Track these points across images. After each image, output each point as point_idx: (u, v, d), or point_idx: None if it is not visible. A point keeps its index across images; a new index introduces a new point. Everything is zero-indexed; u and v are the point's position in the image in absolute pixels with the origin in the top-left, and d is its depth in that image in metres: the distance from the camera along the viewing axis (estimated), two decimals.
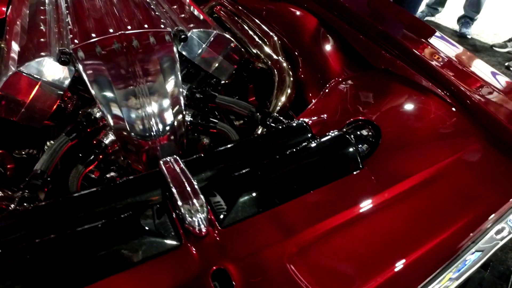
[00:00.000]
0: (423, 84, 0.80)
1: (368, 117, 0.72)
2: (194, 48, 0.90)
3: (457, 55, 0.94)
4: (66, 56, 0.75)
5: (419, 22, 1.02)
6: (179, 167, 0.54)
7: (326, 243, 0.51)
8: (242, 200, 0.54)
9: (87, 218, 0.50)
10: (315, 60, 1.01)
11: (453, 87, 0.77)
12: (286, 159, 0.60)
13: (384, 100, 0.78)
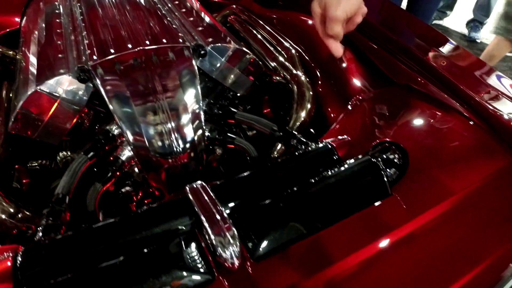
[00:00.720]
0: (445, 101, 0.79)
1: (393, 138, 0.70)
2: (212, 62, 0.88)
3: (475, 67, 0.93)
4: (85, 74, 0.74)
5: (438, 34, 1.00)
6: (207, 195, 0.52)
7: (360, 275, 0.50)
8: (272, 231, 0.52)
9: (114, 250, 0.49)
10: (334, 74, 0.99)
11: (474, 102, 0.75)
12: (314, 187, 0.58)
13: (408, 119, 0.76)
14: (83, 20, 0.99)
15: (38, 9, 1.11)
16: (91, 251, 0.49)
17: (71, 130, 0.87)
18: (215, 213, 0.50)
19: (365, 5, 1.18)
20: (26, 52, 0.92)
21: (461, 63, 0.93)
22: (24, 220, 0.69)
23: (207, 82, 0.94)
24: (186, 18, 1.01)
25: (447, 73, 0.81)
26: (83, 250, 0.49)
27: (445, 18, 3.75)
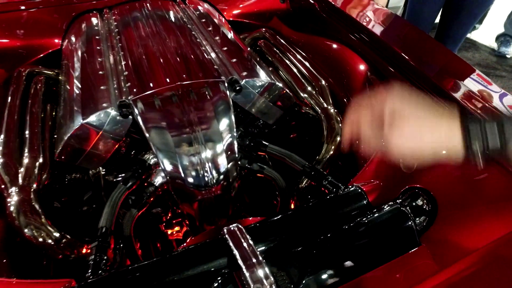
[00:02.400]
0: None
1: (423, 183, 0.71)
2: (246, 95, 0.91)
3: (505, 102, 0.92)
4: (127, 109, 0.78)
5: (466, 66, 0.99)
6: (245, 241, 0.55)
7: None
8: (305, 278, 0.55)
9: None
10: None
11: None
12: (345, 235, 0.61)
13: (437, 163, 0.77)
14: (121, 48, 1.04)
15: (79, 32, 1.17)
16: None
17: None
18: (253, 259, 0.52)
19: (394, 30, 1.20)
20: (69, 78, 0.98)
21: (489, 99, 0.92)
22: (68, 245, 0.74)
23: (239, 112, 0.97)
24: (221, 48, 1.04)
25: (477, 113, 0.80)
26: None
27: (474, 31, 3.66)
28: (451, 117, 0.44)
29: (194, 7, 1.34)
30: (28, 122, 0.91)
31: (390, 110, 0.49)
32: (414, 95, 0.51)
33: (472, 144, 0.40)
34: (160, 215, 1.04)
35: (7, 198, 0.73)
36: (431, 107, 0.48)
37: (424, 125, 0.46)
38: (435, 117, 0.46)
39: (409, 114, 0.47)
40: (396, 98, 0.50)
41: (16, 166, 0.80)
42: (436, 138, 0.45)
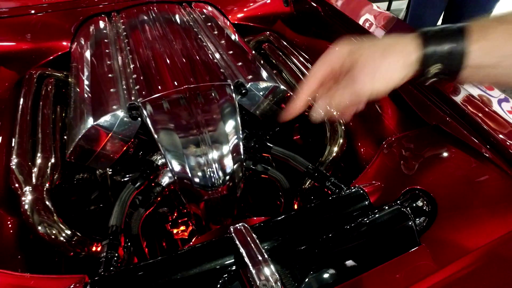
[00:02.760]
0: (474, 146, 0.81)
1: (423, 185, 0.73)
2: (251, 98, 0.94)
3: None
4: (136, 112, 0.81)
5: None
6: (251, 239, 0.57)
7: None
8: (308, 276, 0.57)
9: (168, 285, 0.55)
10: (367, 111, 1.02)
11: (503, 148, 0.77)
12: (346, 234, 0.63)
13: (437, 165, 0.79)
14: (130, 51, 1.06)
15: (88, 35, 1.20)
16: (147, 285, 0.56)
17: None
18: (259, 256, 0.55)
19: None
20: (79, 80, 1.01)
21: (494, 107, 0.94)
22: (78, 243, 0.77)
23: (244, 114, 0.99)
24: (226, 51, 1.06)
25: (477, 116, 0.82)
26: (139, 284, 0.56)
27: None
28: (407, 39, 0.46)
29: (200, 10, 1.37)
30: (40, 123, 0.94)
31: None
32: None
33: (428, 54, 0.44)
34: (166, 214, 1.06)
35: (21, 197, 0.76)
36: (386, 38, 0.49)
37: (384, 51, 0.47)
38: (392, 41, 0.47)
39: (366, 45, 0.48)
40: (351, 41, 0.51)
41: (29, 166, 0.82)
42: (397, 58, 0.45)
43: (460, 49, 0.41)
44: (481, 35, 0.40)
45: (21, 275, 0.59)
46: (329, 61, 0.50)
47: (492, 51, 0.40)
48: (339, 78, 0.50)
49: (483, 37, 0.40)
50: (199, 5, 1.42)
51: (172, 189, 0.94)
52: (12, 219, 0.76)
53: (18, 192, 0.77)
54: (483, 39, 0.40)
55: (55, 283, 0.57)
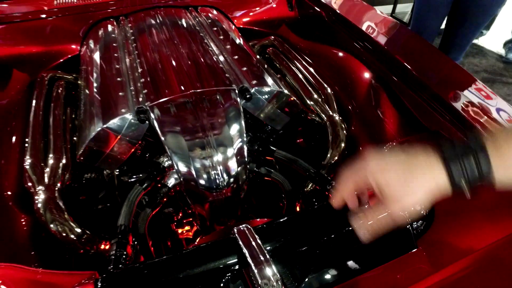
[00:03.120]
0: None
1: None
2: (255, 103, 0.96)
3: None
4: (144, 115, 0.84)
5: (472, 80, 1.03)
6: (254, 240, 0.60)
7: None
8: (307, 276, 0.60)
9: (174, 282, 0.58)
10: (368, 116, 1.05)
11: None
12: (345, 237, 0.65)
13: None
14: (137, 55, 1.09)
15: (97, 39, 1.23)
16: (155, 282, 0.58)
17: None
18: (261, 257, 0.57)
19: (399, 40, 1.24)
20: (88, 83, 1.04)
21: (494, 114, 0.95)
22: (88, 241, 0.80)
23: (248, 118, 1.02)
24: (232, 56, 1.09)
25: (477, 123, 0.84)
26: (147, 281, 0.58)
27: (481, 37, 3.67)
28: (431, 160, 0.46)
29: (206, 15, 1.40)
30: (51, 124, 0.97)
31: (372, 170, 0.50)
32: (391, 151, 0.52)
33: (455, 180, 0.43)
34: (171, 214, 1.09)
35: (35, 196, 0.79)
36: (410, 157, 0.49)
37: (409, 174, 0.47)
38: (416, 162, 0.47)
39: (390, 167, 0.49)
40: (375, 157, 0.51)
41: (42, 166, 0.86)
42: (422, 182, 0.46)
43: (486, 174, 0.42)
44: (501, 162, 0.41)
45: (35, 270, 0.62)
46: (353, 181, 0.52)
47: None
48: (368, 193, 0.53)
49: (503, 165, 0.41)
50: (205, 9, 1.45)
51: (177, 190, 0.96)
52: (25, 217, 0.80)
53: (31, 191, 0.80)
54: (503, 167, 0.41)
55: (67, 278, 0.60)
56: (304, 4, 1.52)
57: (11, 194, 0.82)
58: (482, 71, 3.21)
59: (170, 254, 0.63)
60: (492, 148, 0.41)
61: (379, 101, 1.07)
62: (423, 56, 1.12)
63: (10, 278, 0.57)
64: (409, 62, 1.03)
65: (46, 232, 0.77)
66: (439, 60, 1.12)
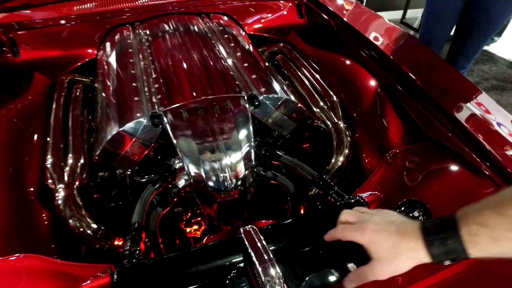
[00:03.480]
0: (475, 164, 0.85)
1: (420, 196, 0.79)
2: (264, 109, 1.01)
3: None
4: (158, 120, 0.89)
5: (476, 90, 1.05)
6: (259, 240, 0.64)
7: None
8: (309, 275, 0.64)
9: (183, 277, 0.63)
10: (372, 123, 1.08)
11: (499, 164, 0.81)
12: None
13: (436, 179, 0.84)
14: (152, 61, 1.15)
15: (113, 44, 1.29)
16: (166, 277, 0.63)
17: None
18: (265, 256, 0.61)
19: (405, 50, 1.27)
20: (105, 87, 1.09)
21: (493, 122, 0.97)
22: (103, 236, 0.85)
23: (256, 124, 1.06)
24: (242, 64, 1.14)
25: (479, 136, 0.86)
26: (159, 276, 0.63)
27: (492, 44, 3.66)
28: (416, 242, 0.51)
29: (218, 22, 1.44)
30: (70, 125, 1.03)
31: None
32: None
33: (435, 261, 0.50)
34: (181, 214, 1.14)
35: (55, 193, 0.85)
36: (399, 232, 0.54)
37: (396, 249, 0.53)
38: (404, 240, 0.52)
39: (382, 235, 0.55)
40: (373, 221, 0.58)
41: (61, 165, 0.91)
42: (407, 260, 0.52)
43: (461, 251, 0.47)
44: (474, 239, 0.46)
45: (55, 261, 0.66)
46: (351, 237, 0.58)
47: (488, 251, 0.46)
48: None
49: (476, 242, 0.46)
50: (217, 16, 1.50)
51: (187, 191, 1.01)
52: (46, 212, 0.85)
53: (52, 188, 0.86)
54: (476, 244, 0.46)
55: (85, 270, 0.65)
56: (313, 12, 1.56)
57: (33, 190, 0.88)
58: (491, 78, 3.20)
59: (180, 251, 0.67)
60: (464, 230, 0.47)
61: (383, 110, 1.10)
62: (429, 68, 1.15)
63: (33, 267, 0.62)
64: (414, 72, 1.06)
65: (64, 227, 0.82)
66: (444, 71, 1.14)
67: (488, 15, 1.69)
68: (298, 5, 1.62)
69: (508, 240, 0.44)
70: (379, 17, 1.42)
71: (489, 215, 0.45)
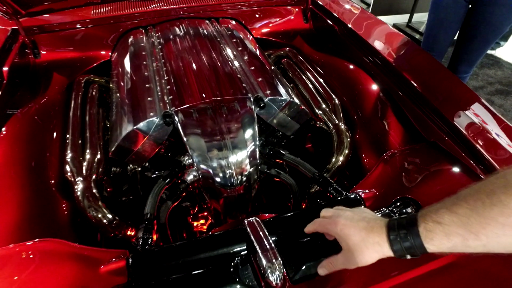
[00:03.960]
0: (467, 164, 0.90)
1: (414, 194, 0.84)
2: (269, 111, 1.07)
3: (504, 131, 1.00)
4: (170, 119, 0.95)
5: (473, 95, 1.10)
6: (261, 229, 0.70)
7: None
8: (307, 262, 0.69)
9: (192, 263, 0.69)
10: (372, 125, 1.14)
11: (493, 168, 0.86)
12: None
13: (429, 178, 0.89)
14: (164, 64, 1.21)
15: (127, 47, 1.36)
16: (176, 262, 0.69)
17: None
18: (267, 245, 0.67)
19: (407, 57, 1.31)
20: (119, 87, 1.16)
21: (491, 129, 1.01)
22: (117, 226, 0.91)
23: (261, 124, 1.12)
24: (249, 67, 1.20)
25: (473, 139, 0.91)
26: (170, 261, 0.69)
27: (498, 48, 3.68)
28: (381, 238, 0.57)
29: (226, 26, 1.51)
30: (87, 123, 1.10)
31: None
32: None
33: (397, 255, 0.56)
34: (188, 208, 1.20)
35: (74, 186, 0.92)
36: (367, 228, 0.59)
37: (364, 243, 0.59)
38: (371, 235, 0.58)
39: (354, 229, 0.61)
40: (345, 216, 0.64)
41: (80, 160, 0.98)
42: (373, 253, 0.58)
43: (419, 246, 0.54)
44: (429, 234, 0.53)
45: (74, 245, 0.72)
46: (324, 229, 0.65)
47: (442, 245, 0.52)
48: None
49: (431, 238, 0.52)
50: (226, 20, 1.57)
51: (195, 186, 1.07)
52: (65, 202, 0.92)
53: (71, 181, 0.93)
54: (431, 239, 0.52)
55: (102, 254, 0.71)
56: (318, 18, 1.62)
57: (54, 183, 0.95)
58: (496, 82, 3.22)
59: (189, 239, 0.73)
60: (422, 226, 0.53)
61: (382, 113, 1.16)
62: (430, 75, 1.18)
63: (55, 250, 0.69)
64: (414, 79, 1.11)
65: (82, 217, 0.89)
66: (443, 77, 1.18)
67: (490, 22, 1.73)
68: (304, 11, 1.68)
69: (459, 235, 0.49)
70: (383, 23, 1.47)
71: (443, 214, 0.51)
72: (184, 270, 0.68)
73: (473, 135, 0.94)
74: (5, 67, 1.10)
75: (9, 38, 1.20)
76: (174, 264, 0.69)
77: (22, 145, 0.98)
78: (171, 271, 0.68)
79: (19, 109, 1.08)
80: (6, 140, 0.96)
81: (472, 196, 0.50)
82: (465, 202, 0.50)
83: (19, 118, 1.06)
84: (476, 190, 0.50)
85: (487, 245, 0.49)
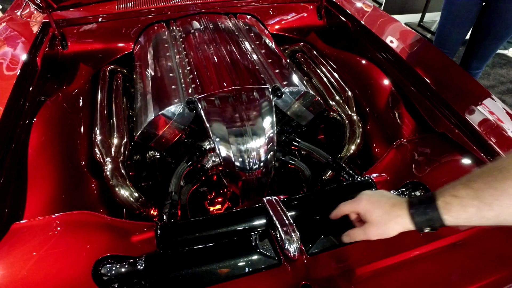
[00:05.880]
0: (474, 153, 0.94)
1: (422, 180, 0.88)
2: (285, 100, 1.12)
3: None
4: (193, 105, 1.01)
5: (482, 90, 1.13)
6: (279, 206, 0.76)
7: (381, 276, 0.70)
8: (322, 237, 0.75)
9: (214, 236, 0.75)
10: (383, 117, 1.18)
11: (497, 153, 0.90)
12: None
13: (438, 166, 0.93)
14: (186, 55, 1.28)
15: (150, 40, 1.43)
16: (200, 234, 0.75)
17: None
18: (285, 220, 0.72)
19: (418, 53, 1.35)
20: (143, 77, 1.23)
21: (495, 119, 1.05)
22: (142, 205, 0.98)
23: (277, 113, 1.18)
24: (266, 59, 1.25)
25: (481, 130, 0.95)
26: (195, 233, 0.75)
27: (511, 48, 3.67)
28: (403, 212, 0.63)
29: (244, 21, 1.57)
30: (114, 110, 1.17)
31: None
32: None
33: (418, 228, 0.62)
34: (205, 193, 1.26)
35: (104, 166, 0.98)
36: (390, 204, 0.65)
37: (387, 216, 0.64)
38: (393, 211, 0.63)
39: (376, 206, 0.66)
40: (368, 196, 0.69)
41: (109, 142, 1.05)
42: (395, 225, 0.63)
43: (438, 218, 0.58)
44: (447, 206, 0.57)
45: (106, 217, 0.78)
46: (349, 208, 0.70)
47: (458, 216, 0.57)
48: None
49: (448, 209, 0.57)
50: (243, 16, 1.63)
51: (213, 172, 1.13)
52: (94, 182, 0.99)
53: (100, 161, 1.00)
54: (449, 210, 0.57)
55: (131, 226, 0.78)
56: (332, 14, 1.67)
57: (84, 164, 1.02)
58: (508, 82, 3.22)
59: (213, 214, 0.79)
60: (441, 200, 0.59)
61: (393, 105, 1.20)
62: (442, 70, 1.21)
63: (89, 221, 0.75)
64: (426, 74, 1.14)
65: (110, 196, 0.96)
66: (453, 72, 1.21)
67: (505, 20, 1.75)
68: (318, 8, 1.73)
69: (474, 206, 0.55)
70: (395, 20, 1.52)
71: (459, 188, 0.57)
72: (208, 241, 0.74)
73: (482, 127, 0.98)
74: (38, 57, 1.17)
75: (41, 30, 1.28)
76: (199, 236, 0.75)
77: (54, 129, 1.05)
78: (196, 241, 0.74)
79: (49, 97, 1.16)
80: (39, 124, 1.03)
81: (485, 172, 0.55)
82: (479, 178, 0.55)
83: (49, 105, 1.13)
84: (489, 168, 0.55)
85: (500, 216, 0.54)
